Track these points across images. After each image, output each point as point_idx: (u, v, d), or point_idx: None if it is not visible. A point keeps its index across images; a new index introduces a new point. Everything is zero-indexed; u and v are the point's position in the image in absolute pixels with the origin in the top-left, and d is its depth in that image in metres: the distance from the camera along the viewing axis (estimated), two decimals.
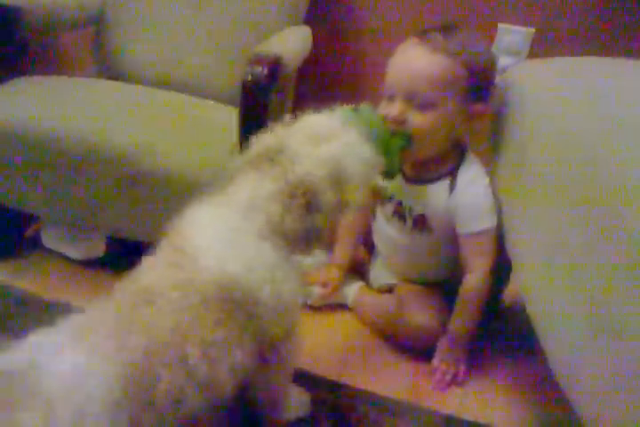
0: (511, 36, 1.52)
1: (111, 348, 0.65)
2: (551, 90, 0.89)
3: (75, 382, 0.62)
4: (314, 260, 1.24)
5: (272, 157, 0.78)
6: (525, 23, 1.51)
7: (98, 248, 1.31)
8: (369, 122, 0.92)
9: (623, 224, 0.63)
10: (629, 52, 0.97)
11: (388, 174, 0.97)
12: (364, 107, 0.96)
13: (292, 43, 1.32)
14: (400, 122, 0.98)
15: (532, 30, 1.51)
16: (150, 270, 0.75)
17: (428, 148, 1.03)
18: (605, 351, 0.66)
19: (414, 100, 0.97)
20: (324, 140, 0.78)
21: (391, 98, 0.99)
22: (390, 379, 1.08)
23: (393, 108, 0.98)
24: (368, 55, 1.66)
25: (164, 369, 0.66)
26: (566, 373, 0.75)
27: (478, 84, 0.99)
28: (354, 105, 0.95)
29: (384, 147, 0.92)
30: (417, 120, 0.98)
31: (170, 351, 0.67)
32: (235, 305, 0.72)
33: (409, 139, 0.98)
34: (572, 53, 1.08)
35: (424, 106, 0.97)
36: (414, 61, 0.98)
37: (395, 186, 1.03)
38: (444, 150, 1.06)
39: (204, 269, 0.72)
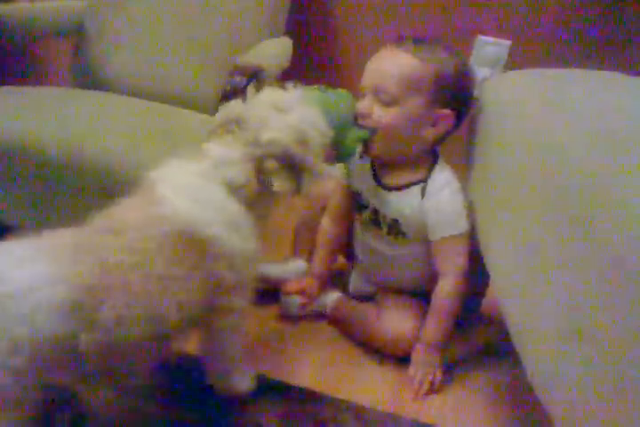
0: (489, 48, 1.54)
1: (67, 264, 0.72)
2: (526, 101, 0.91)
3: (28, 288, 0.68)
4: (293, 270, 1.25)
5: (239, 123, 0.86)
6: (503, 35, 1.54)
7: None
8: (331, 104, 0.98)
9: (596, 231, 0.64)
10: (604, 64, 1.00)
11: (339, 157, 1.02)
12: (335, 91, 1.03)
13: (272, 53, 1.33)
14: (366, 115, 1.02)
15: (510, 42, 1.53)
16: (119, 209, 0.83)
17: (391, 144, 1.05)
18: (579, 358, 0.67)
19: (380, 95, 1.01)
20: (285, 109, 0.86)
21: (363, 95, 1.04)
22: (370, 388, 1.08)
23: (362, 103, 1.03)
24: (348, 65, 1.68)
25: (109, 292, 0.72)
26: (542, 379, 0.76)
27: (446, 90, 1.02)
28: (321, 86, 1.02)
29: (341, 130, 0.98)
30: (379, 114, 1.02)
31: (118, 277, 0.74)
32: (189, 244, 0.79)
33: (372, 131, 1.02)
34: (549, 65, 1.10)
35: (388, 102, 1.01)
36: (385, 60, 1.04)
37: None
38: (414, 155, 1.08)
39: (165, 209, 0.80)
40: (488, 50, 1.54)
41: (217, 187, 0.84)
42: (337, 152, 1.02)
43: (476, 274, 1.07)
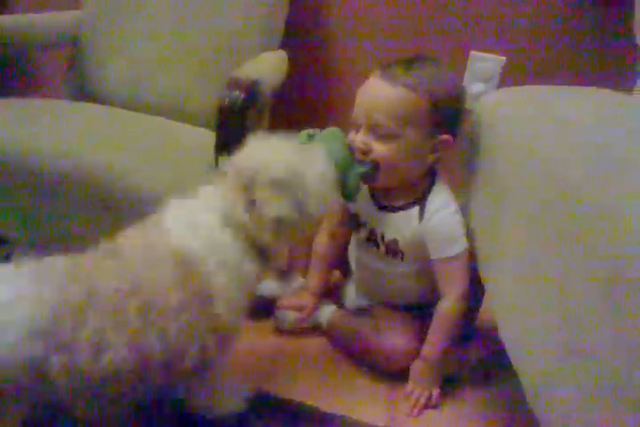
0: (483, 64, 1.55)
1: (55, 284, 0.73)
2: (522, 118, 0.91)
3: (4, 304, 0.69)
4: (289, 286, 1.25)
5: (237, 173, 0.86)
6: (497, 51, 1.55)
7: None
8: (327, 146, 0.96)
9: (595, 250, 0.64)
10: (597, 81, 1.01)
11: (346, 197, 1.01)
12: (326, 132, 1.00)
13: (269, 67, 1.33)
14: (364, 151, 1.00)
15: (503, 58, 1.55)
16: (121, 237, 0.84)
17: (394, 176, 1.04)
18: (577, 375, 0.67)
19: (376, 131, 0.99)
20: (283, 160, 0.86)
21: (357, 128, 1.02)
22: (365, 404, 1.07)
23: (357, 139, 1.01)
24: (343, 80, 1.69)
25: (90, 315, 0.72)
26: (538, 395, 0.75)
27: (442, 116, 1.00)
28: (312, 130, 0.99)
29: (342, 170, 0.96)
30: (378, 150, 1.00)
31: (109, 299, 0.74)
32: (187, 278, 0.78)
33: (374, 167, 1.01)
34: (542, 81, 1.11)
35: (385, 137, 0.99)
36: (376, 94, 1.00)
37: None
38: (414, 178, 1.08)
39: (166, 240, 0.81)
40: (482, 66, 1.55)
41: (213, 219, 0.84)
42: (343, 193, 1.01)
43: (472, 289, 1.07)
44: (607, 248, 0.62)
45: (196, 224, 0.84)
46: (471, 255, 1.04)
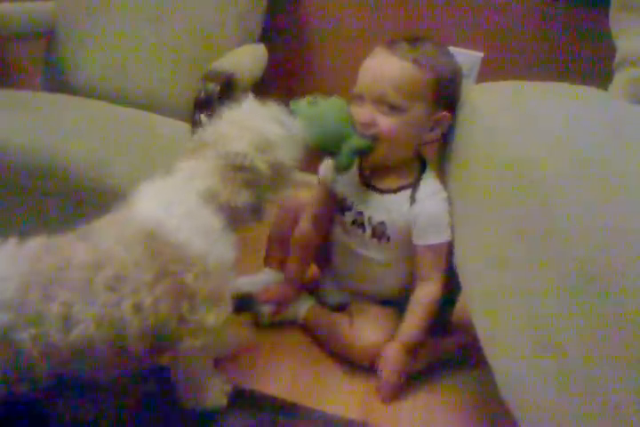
0: (461, 60, 1.55)
1: (27, 259, 0.75)
2: (496, 113, 0.92)
3: None
4: (264, 281, 1.25)
5: (208, 144, 0.87)
6: (475, 47, 1.56)
7: None
8: (323, 115, 0.97)
9: (564, 246, 0.65)
10: (574, 78, 1.02)
11: (338, 169, 1.02)
12: (330, 101, 1.00)
13: (247, 60, 1.33)
14: (369, 125, 1.01)
15: (482, 54, 1.55)
16: (97, 221, 0.85)
17: (393, 152, 1.05)
18: (548, 369, 0.67)
19: (383, 104, 1.00)
20: (256, 126, 0.87)
21: (361, 101, 1.02)
22: (341, 397, 1.08)
23: (362, 112, 1.01)
24: (323, 72, 1.68)
25: (62, 288, 0.73)
26: (512, 389, 0.76)
27: (443, 93, 1.02)
28: (313, 97, 0.99)
29: (338, 141, 0.97)
30: (384, 123, 1.00)
31: (78, 274, 0.75)
32: (156, 248, 0.79)
33: (374, 140, 1.01)
34: (520, 77, 1.12)
35: (392, 110, 1.00)
36: (383, 67, 1.01)
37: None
38: (407, 159, 1.08)
39: (133, 214, 0.83)
40: (460, 61, 1.55)
41: (190, 196, 0.85)
42: (335, 163, 1.02)
43: (449, 282, 1.08)
44: (576, 248, 0.63)
45: (169, 200, 0.84)
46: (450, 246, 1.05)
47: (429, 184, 1.08)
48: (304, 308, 1.23)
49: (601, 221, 0.62)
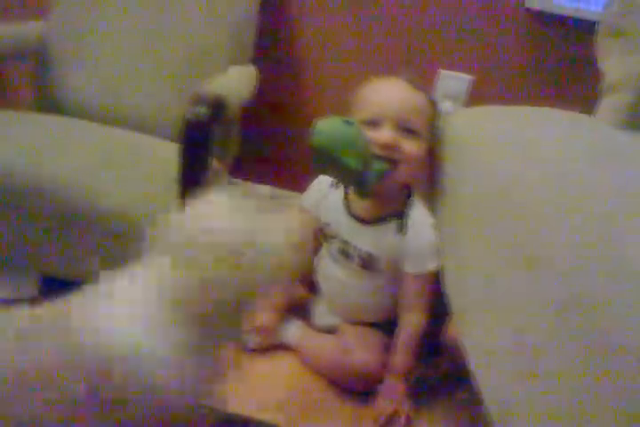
0: (451, 82, 1.57)
1: None
2: (484, 138, 0.92)
3: None
4: None
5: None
6: (465, 70, 1.57)
7: (30, 288, 1.26)
8: (355, 136, 0.95)
9: (547, 265, 0.65)
10: (563, 101, 1.03)
11: (361, 194, 1.01)
12: (355, 123, 0.98)
13: (237, 82, 1.33)
14: (392, 147, 0.99)
15: (471, 77, 1.57)
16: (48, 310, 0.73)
17: (412, 176, 1.05)
18: (532, 392, 0.67)
19: (403, 126, 0.99)
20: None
21: (375, 125, 1.00)
22: (332, 422, 1.06)
23: (384, 133, 0.99)
24: (314, 92, 1.69)
25: None
26: (499, 412, 0.75)
27: (436, 124, 1.04)
28: (343, 118, 0.97)
29: (364, 164, 0.95)
30: (408, 146, 0.99)
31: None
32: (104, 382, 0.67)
33: (394, 164, 1.00)
34: (509, 100, 1.12)
35: (411, 134, 1.00)
36: (401, 92, 1.02)
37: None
38: (398, 188, 1.08)
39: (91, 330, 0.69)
40: (450, 84, 1.57)
41: (155, 314, 0.70)
42: (359, 188, 1.00)
43: (440, 302, 1.07)
44: (563, 274, 0.63)
45: (130, 313, 0.71)
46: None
47: (419, 212, 1.07)
48: (292, 331, 1.21)
49: (589, 248, 0.62)
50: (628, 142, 0.87)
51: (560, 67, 1.51)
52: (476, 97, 1.56)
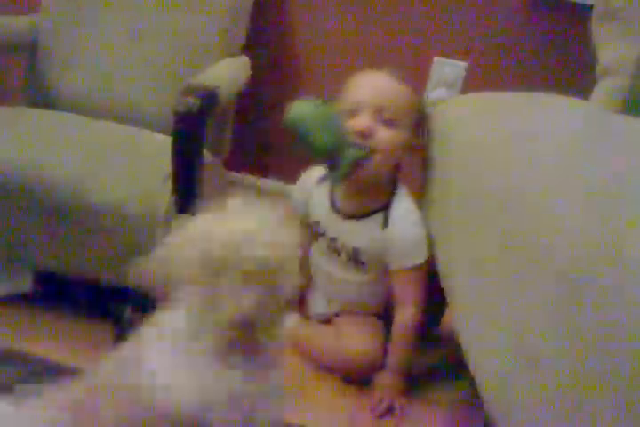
0: (446, 69, 1.56)
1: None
2: (476, 124, 0.91)
3: None
4: None
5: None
6: (460, 57, 1.56)
7: (24, 283, 1.26)
8: (328, 119, 0.96)
9: (543, 258, 0.64)
10: (558, 86, 1.02)
11: (333, 179, 1.01)
12: (331, 105, 0.99)
13: (229, 74, 1.31)
14: (367, 134, 0.99)
15: (466, 64, 1.55)
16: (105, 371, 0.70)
17: (385, 166, 1.04)
18: (530, 383, 0.66)
19: (381, 114, 0.99)
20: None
21: (354, 113, 1.01)
22: (328, 414, 1.06)
23: (361, 120, 0.99)
24: (306, 84, 1.68)
25: None
26: (497, 403, 0.75)
27: (418, 118, 1.04)
28: (316, 99, 0.98)
29: (338, 149, 0.96)
30: (382, 134, 1.00)
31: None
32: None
33: (369, 152, 0.99)
34: (504, 86, 1.12)
35: (389, 122, 1.00)
36: (382, 82, 1.03)
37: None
38: (384, 180, 1.07)
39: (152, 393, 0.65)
40: (445, 71, 1.55)
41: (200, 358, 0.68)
42: (332, 173, 1.00)
43: (437, 293, 1.07)
44: (557, 262, 0.62)
45: (186, 364, 0.67)
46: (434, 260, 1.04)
47: (402, 206, 1.07)
48: (290, 322, 1.21)
49: (586, 236, 0.61)
50: (624, 128, 0.86)
51: (555, 52, 1.50)
52: (472, 83, 1.55)
